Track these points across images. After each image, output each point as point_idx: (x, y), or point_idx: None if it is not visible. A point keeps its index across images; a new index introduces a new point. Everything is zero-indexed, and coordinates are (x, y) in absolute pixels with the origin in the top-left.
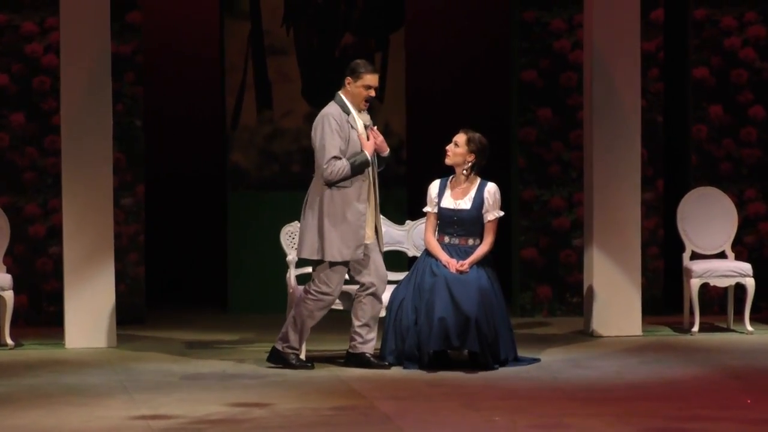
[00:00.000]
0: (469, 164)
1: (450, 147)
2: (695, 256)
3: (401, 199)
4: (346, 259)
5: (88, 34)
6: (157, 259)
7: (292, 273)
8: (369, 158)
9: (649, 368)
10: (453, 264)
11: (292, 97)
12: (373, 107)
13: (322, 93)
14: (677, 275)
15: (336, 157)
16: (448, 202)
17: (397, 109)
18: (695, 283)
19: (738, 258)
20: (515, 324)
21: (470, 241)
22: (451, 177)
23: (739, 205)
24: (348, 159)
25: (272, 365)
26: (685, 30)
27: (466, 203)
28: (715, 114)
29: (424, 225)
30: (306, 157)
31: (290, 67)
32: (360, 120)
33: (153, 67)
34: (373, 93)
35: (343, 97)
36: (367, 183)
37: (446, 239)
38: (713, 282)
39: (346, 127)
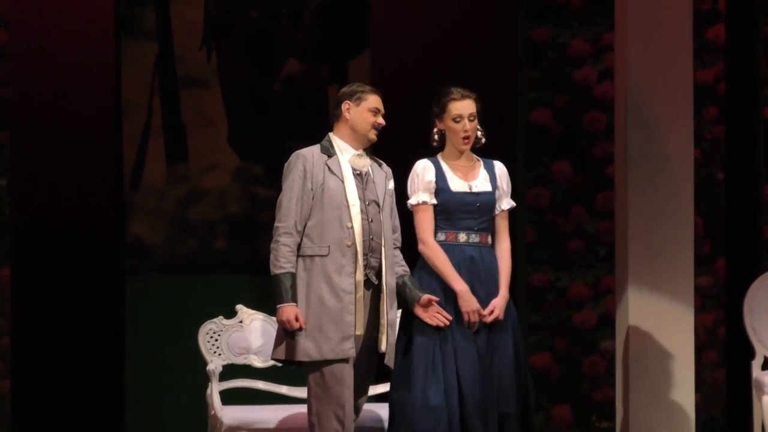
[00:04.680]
0: (480, 133)
1: (468, 125)
2: None
3: None
4: (327, 358)
5: None
6: (29, 368)
7: (215, 388)
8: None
9: None
10: (476, 311)
11: (215, 146)
12: None
13: (256, 140)
14: (744, 390)
15: (285, 231)
16: (460, 184)
17: None
18: None
19: None
20: None
21: (489, 239)
22: (440, 156)
23: None
24: (293, 257)
25: None
26: (754, 54)
27: (484, 184)
28: None
29: (421, 225)
30: (234, 228)
31: (212, 105)
32: (349, 165)
33: (24, 105)
34: (381, 120)
35: (333, 137)
36: (353, 249)
37: (462, 237)
38: None
39: (321, 172)
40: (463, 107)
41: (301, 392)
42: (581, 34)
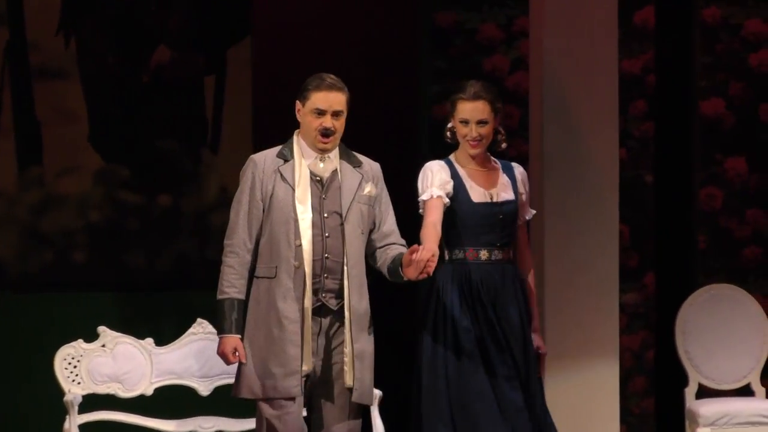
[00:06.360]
0: (500, 136)
1: (475, 130)
2: (704, 392)
3: None
4: (268, 396)
5: None
6: None
7: (73, 421)
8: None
9: None
10: (430, 253)
11: (74, 146)
12: (210, 163)
13: (121, 139)
14: (676, 422)
15: (231, 250)
16: (480, 194)
17: (239, 162)
18: None
19: None
20: None
21: (511, 254)
22: (453, 157)
23: None
24: (239, 280)
25: None
26: (687, 41)
27: (507, 193)
28: (735, 171)
29: (429, 211)
30: (96, 239)
31: (71, 99)
32: (307, 170)
33: None
34: (328, 122)
35: (296, 138)
36: (301, 270)
37: (484, 254)
38: None
39: (271, 180)
40: (473, 111)
41: (170, 426)
42: (492, 18)
